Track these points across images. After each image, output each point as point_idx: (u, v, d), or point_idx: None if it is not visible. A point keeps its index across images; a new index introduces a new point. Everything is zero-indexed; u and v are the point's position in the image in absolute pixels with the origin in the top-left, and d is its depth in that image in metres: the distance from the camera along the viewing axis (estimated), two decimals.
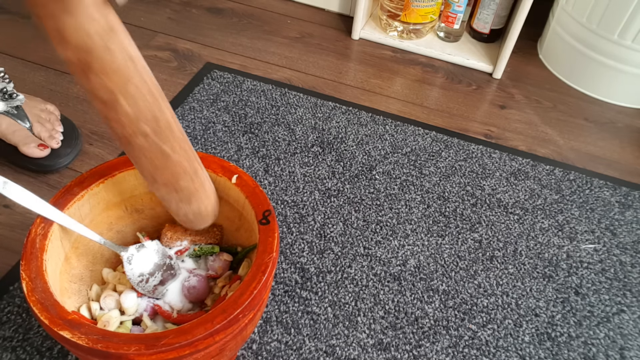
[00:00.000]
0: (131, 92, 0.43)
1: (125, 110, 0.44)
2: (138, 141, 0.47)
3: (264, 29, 1.27)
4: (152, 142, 0.47)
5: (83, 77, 0.42)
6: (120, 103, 0.43)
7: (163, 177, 0.51)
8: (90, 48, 0.39)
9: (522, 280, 0.81)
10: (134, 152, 0.48)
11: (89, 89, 0.43)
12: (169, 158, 0.50)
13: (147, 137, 0.47)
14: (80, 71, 0.41)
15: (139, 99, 0.44)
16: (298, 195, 0.89)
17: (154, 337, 0.45)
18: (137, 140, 0.47)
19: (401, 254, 0.82)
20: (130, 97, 0.43)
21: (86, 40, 0.39)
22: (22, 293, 0.71)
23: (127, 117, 0.45)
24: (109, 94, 0.43)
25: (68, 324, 0.45)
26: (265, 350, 0.69)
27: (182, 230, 0.62)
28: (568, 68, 1.23)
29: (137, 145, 0.47)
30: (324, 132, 1.01)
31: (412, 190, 0.92)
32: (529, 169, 0.99)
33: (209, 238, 0.63)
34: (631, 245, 0.88)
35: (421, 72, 1.21)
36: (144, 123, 0.46)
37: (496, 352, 0.72)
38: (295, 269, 0.78)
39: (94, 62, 0.40)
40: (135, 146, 0.48)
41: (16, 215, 0.81)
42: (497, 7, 1.21)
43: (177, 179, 0.52)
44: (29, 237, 0.51)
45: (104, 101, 0.43)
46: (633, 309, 0.79)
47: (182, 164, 0.51)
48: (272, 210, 0.56)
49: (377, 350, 0.70)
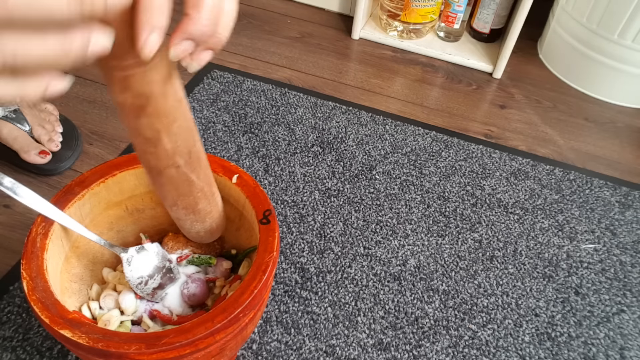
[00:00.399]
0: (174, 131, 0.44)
1: (165, 147, 0.45)
2: (170, 173, 0.48)
3: (264, 28, 1.27)
4: (182, 173, 0.48)
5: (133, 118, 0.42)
6: (162, 141, 0.44)
7: (185, 202, 0.52)
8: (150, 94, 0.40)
9: (522, 280, 0.81)
10: (162, 181, 0.49)
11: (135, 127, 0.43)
12: (194, 185, 0.51)
13: (179, 168, 0.48)
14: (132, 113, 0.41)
15: (180, 136, 0.45)
16: (298, 195, 0.89)
17: (155, 336, 0.45)
18: (169, 172, 0.48)
19: (401, 254, 0.82)
20: (172, 135, 0.44)
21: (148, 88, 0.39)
22: (22, 293, 0.71)
23: (165, 153, 0.45)
24: (154, 132, 0.43)
25: (69, 323, 0.45)
26: (265, 350, 0.69)
27: (184, 241, 0.62)
28: (568, 68, 1.23)
29: (168, 176, 0.48)
30: (324, 132, 1.01)
31: (412, 190, 0.92)
32: (529, 169, 0.99)
33: (209, 251, 0.63)
34: (631, 245, 0.88)
35: (421, 72, 1.21)
36: (179, 157, 0.47)
37: (496, 352, 0.72)
38: (295, 269, 0.78)
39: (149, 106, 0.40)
40: (166, 177, 0.49)
41: (16, 215, 0.81)
42: (497, 6, 1.21)
43: (197, 203, 0.53)
44: (30, 236, 0.51)
45: (147, 138, 0.44)
46: (633, 309, 0.79)
47: (203, 189, 0.53)
48: (273, 209, 0.56)
49: (377, 350, 0.70)
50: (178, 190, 0.51)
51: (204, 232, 0.59)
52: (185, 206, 0.53)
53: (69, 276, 0.56)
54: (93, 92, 1.04)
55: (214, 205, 0.56)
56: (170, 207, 0.54)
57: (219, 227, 0.60)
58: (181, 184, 0.50)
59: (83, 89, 1.04)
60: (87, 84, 1.05)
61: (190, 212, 0.54)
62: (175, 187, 0.50)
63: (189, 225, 0.57)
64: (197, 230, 0.58)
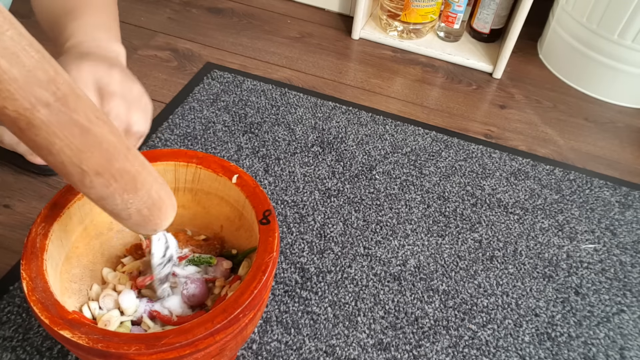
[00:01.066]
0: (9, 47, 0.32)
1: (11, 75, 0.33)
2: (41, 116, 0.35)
3: (264, 29, 1.27)
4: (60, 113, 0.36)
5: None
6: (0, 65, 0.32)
7: (91, 161, 0.39)
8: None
9: (522, 280, 0.81)
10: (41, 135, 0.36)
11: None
12: (89, 131, 0.38)
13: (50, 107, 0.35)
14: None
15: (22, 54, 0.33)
16: (298, 195, 0.89)
17: (154, 336, 0.45)
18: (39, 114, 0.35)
19: (401, 254, 0.82)
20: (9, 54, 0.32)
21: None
22: (22, 293, 0.71)
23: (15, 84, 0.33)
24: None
25: (68, 323, 0.45)
26: (265, 350, 0.69)
27: (184, 241, 0.62)
28: (568, 68, 1.23)
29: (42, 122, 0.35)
30: (324, 132, 1.01)
31: (412, 190, 0.92)
32: (529, 169, 0.99)
33: (209, 250, 0.63)
34: (631, 245, 0.88)
35: (421, 72, 1.21)
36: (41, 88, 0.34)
37: (496, 352, 0.72)
38: (295, 269, 0.78)
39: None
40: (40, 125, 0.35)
41: (16, 215, 0.81)
42: (497, 7, 1.21)
43: (110, 160, 0.40)
44: (30, 236, 0.51)
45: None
46: (633, 309, 0.79)
47: (107, 138, 0.40)
48: (273, 210, 0.56)
49: (377, 350, 0.70)
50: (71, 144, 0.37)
51: (147, 209, 0.45)
52: (96, 170, 0.40)
53: (68, 276, 0.56)
54: None
55: (138, 165, 0.43)
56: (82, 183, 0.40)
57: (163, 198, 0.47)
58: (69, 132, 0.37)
59: None
60: None
61: (109, 177, 0.41)
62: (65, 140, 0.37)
63: (121, 203, 0.43)
64: (137, 207, 0.44)
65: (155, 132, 0.96)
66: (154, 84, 1.07)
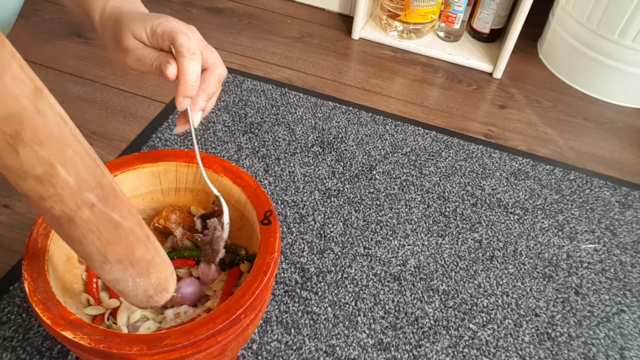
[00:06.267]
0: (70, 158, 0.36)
1: (66, 182, 0.36)
2: (84, 216, 0.39)
3: (264, 29, 1.27)
4: (99, 213, 0.40)
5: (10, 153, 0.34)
6: (59, 174, 0.36)
7: (116, 252, 0.43)
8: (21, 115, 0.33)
9: (522, 280, 0.81)
10: (78, 231, 0.40)
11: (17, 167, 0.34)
12: (121, 227, 0.42)
13: (93, 207, 0.39)
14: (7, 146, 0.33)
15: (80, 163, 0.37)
16: (298, 195, 0.89)
17: (156, 337, 0.45)
18: (82, 214, 0.39)
19: (401, 254, 0.82)
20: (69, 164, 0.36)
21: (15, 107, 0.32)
22: (22, 293, 0.71)
23: (68, 189, 0.37)
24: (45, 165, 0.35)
25: (70, 324, 0.45)
26: (265, 350, 0.69)
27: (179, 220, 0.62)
28: (568, 68, 1.23)
29: (82, 220, 0.39)
30: (324, 132, 1.01)
31: (412, 190, 0.92)
32: (529, 169, 0.99)
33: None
34: (631, 245, 0.88)
35: (421, 72, 1.21)
36: (88, 191, 0.38)
37: (496, 352, 0.72)
38: (295, 269, 0.78)
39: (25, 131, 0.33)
40: (80, 222, 0.39)
41: (16, 215, 0.81)
42: (497, 6, 1.21)
43: (132, 250, 0.44)
44: (31, 237, 0.51)
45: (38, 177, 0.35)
46: (633, 309, 0.80)
47: (134, 231, 0.44)
48: (274, 210, 0.56)
49: (377, 350, 0.71)
50: (102, 238, 0.41)
51: (153, 291, 0.49)
52: (119, 258, 0.43)
53: (70, 276, 0.56)
54: (93, 92, 1.04)
55: (154, 251, 0.47)
56: (101, 268, 0.44)
57: (168, 279, 0.50)
58: (104, 228, 0.41)
59: (83, 89, 1.04)
60: (87, 83, 1.05)
61: (127, 265, 0.44)
62: (98, 234, 0.41)
63: (132, 285, 0.46)
64: (145, 289, 0.48)
65: (155, 132, 0.96)
66: (154, 84, 1.07)
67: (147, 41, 0.48)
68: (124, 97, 1.03)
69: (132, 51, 0.48)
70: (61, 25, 1.18)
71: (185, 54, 0.46)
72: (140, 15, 0.49)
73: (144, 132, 0.96)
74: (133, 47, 0.48)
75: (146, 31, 0.47)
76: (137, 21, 0.48)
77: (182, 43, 0.47)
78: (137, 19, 0.48)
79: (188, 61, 0.46)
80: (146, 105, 1.02)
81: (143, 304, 0.50)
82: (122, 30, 0.48)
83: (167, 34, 0.47)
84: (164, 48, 0.48)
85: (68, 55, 1.11)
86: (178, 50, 0.47)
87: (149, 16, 0.48)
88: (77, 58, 1.11)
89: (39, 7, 1.23)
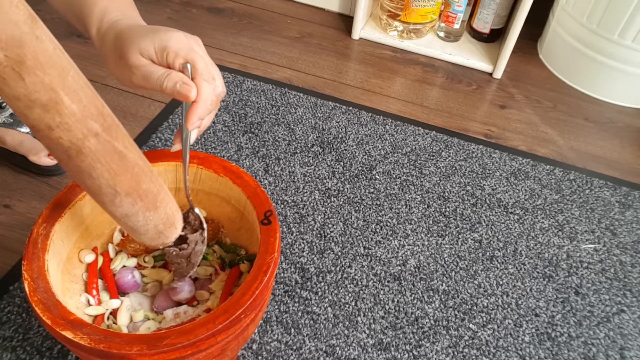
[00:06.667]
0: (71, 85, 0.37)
1: (71, 109, 0.37)
2: (90, 145, 0.40)
3: (264, 29, 1.27)
4: (104, 142, 0.41)
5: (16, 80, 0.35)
6: (63, 101, 0.37)
7: (124, 183, 0.44)
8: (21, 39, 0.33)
9: (522, 280, 0.81)
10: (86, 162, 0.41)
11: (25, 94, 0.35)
12: (125, 157, 0.43)
13: (98, 136, 0.40)
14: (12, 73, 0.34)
15: (80, 91, 0.38)
16: (298, 195, 0.89)
17: (156, 337, 0.45)
18: (89, 144, 0.40)
19: (401, 254, 0.82)
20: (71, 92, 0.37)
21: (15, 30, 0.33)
22: (22, 293, 0.71)
23: (73, 117, 0.38)
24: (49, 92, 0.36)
25: (70, 324, 0.45)
26: (265, 350, 0.69)
27: None
28: (568, 68, 1.23)
29: (90, 150, 0.40)
30: (324, 132, 1.01)
31: (412, 190, 0.92)
32: (529, 169, 0.99)
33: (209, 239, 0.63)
34: (631, 245, 0.88)
35: (421, 72, 1.21)
36: (93, 120, 0.39)
37: (496, 352, 0.72)
38: (295, 269, 0.78)
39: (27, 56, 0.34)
40: (88, 153, 0.40)
41: (16, 215, 0.81)
42: (497, 6, 1.21)
43: (139, 182, 0.45)
44: (31, 237, 0.51)
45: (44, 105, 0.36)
46: (633, 309, 0.80)
47: (138, 163, 0.45)
48: (274, 210, 0.56)
49: (377, 350, 0.71)
50: (111, 169, 0.42)
51: (162, 226, 0.50)
52: (127, 191, 0.44)
53: (70, 277, 0.56)
54: None
55: (159, 185, 0.48)
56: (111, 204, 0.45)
57: (175, 214, 0.52)
58: (111, 158, 0.42)
59: None
60: None
61: (136, 197, 0.46)
62: (106, 165, 0.42)
63: (142, 220, 0.48)
64: (155, 224, 0.49)
65: (155, 132, 0.96)
66: None
67: (155, 58, 0.47)
68: (124, 97, 1.03)
69: (138, 68, 0.46)
70: (61, 26, 1.18)
71: (205, 78, 0.47)
72: (144, 29, 0.48)
73: (144, 132, 0.96)
74: (139, 64, 0.46)
75: (155, 48, 0.46)
76: (142, 37, 0.46)
77: (202, 67, 0.47)
78: (142, 34, 0.46)
79: (207, 85, 0.47)
80: (146, 106, 1.02)
81: (154, 241, 0.51)
82: (127, 46, 0.46)
83: (181, 54, 0.46)
84: (173, 66, 0.47)
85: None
86: (199, 73, 0.46)
87: (153, 31, 0.47)
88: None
89: (40, 7, 1.23)
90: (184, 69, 0.46)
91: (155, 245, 0.52)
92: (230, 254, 0.63)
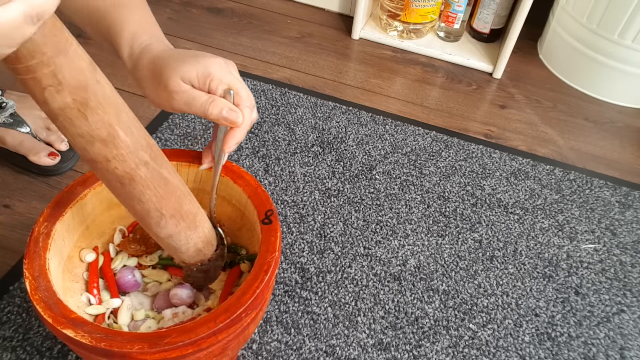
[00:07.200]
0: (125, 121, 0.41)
1: (125, 142, 0.41)
2: (141, 173, 0.44)
3: (264, 29, 1.27)
4: (153, 169, 0.45)
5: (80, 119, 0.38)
6: (119, 135, 0.41)
7: (169, 206, 0.48)
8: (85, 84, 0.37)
9: (522, 280, 0.81)
10: (138, 189, 0.45)
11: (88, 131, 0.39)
12: (170, 182, 0.47)
13: (147, 165, 0.44)
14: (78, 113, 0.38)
15: (132, 126, 0.42)
16: (298, 195, 0.89)
17: (157, 335, 0.45)
18: (140, 172, 0.44)
19: (401, 254, 0.82)
20: (125, 127, 0.41)
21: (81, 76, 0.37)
22: (22, 293, 0.71)
23: (127, 149, 0.42)
24: (108, 128, 0.40)
25: (71, 322, 0.45)
26: (265, 350, 0.69)
27: None
28: (568, 68, 1.24)
29: (141, 178, 0.44)
30: (324, 132, 1.01)
31: (412, 190, 0.92)
32: (529, 169, 0.99)
33: None
34: (631, 245, 0.88)
35: (421, 72, 1.21)
36: (142, 151, 0.43)
37: (496, 352, 0.72)
38: (295, 269, 0.78)
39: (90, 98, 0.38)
40: (139, 180, 0.44)
41: (16, 215, 0.81)
42: (497, 6, 1.21)
43: (181, 204, 0.49)
44: (32, 235, 0.51)
45: (103, 139, 0.40)
46: (633, 309, 0.80)
47: (179, 187, 0.49)
48: (275, 209, 0.56)
49: (377, 350, 0.71)
50: (158, 194, 0.46)
51: (202, 244, 0.54)
52: (172, 213, 0.48)
53: (70, 276, 0.56)
54: None
55: (197, 206, 0.52)
56: (157, 225, 0.49)
57: (211, 232, 0.56)
58: (157, 184, 0.46)
59: None
60: None
61: (179, 218, 0.49)
62: (154, 190, 0.46)
63: (184, 239, 0.52)
64: (195, 243, 0.53)
65: (155, 132, 0.96)
66: None
67: (196, 83, 0.49)
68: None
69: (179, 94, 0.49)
70: None
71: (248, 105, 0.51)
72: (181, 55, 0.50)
73: None
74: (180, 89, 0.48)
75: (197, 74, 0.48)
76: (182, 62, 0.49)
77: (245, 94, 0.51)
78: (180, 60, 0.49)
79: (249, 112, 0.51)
80: (146, 106, 1.02)
81: (194, 258, 0.55)
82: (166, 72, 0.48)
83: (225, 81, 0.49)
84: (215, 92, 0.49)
85: None
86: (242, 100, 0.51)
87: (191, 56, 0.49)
88: None
89: None
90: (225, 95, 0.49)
91: (194, 262, 0.56)
92: (230, 254, 0.63)
